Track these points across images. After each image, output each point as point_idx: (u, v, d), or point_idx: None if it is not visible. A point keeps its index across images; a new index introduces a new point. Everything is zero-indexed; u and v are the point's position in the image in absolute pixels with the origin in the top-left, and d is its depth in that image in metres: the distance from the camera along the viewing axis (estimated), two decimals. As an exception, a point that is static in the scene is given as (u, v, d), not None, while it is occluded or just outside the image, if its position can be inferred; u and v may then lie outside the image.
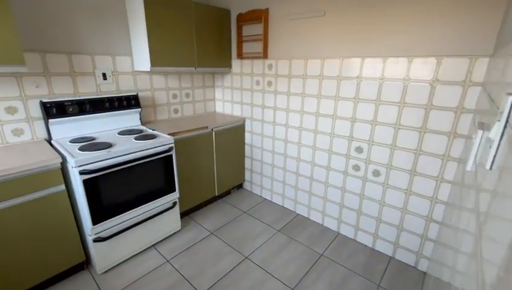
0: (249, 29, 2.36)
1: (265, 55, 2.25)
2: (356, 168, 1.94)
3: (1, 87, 1.57)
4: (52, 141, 1.74)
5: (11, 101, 1.63)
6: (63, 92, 1.82)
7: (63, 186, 1.49)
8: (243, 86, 2.56)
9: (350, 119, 1.88)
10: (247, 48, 2.42)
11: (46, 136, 1.79)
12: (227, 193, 2.76)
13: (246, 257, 1.88)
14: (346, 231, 2.13)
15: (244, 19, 2.32)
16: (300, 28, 1.99)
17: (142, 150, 1.71)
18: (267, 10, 2.14)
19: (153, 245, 1.97)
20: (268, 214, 2.42)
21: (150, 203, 1.84)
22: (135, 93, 2.13)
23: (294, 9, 1.98)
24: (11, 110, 1.63)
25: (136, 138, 1.81)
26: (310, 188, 2.28)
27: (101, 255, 1.66)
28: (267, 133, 2.47)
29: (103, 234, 1.63)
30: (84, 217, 1.55)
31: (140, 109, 2.16)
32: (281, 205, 2.57)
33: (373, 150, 1.82)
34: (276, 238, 2.09)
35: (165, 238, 2.04)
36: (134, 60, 2.13)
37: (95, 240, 1.60)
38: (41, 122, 1.76)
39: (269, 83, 2.31)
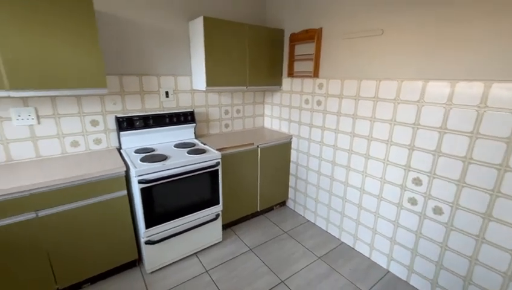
0: (301, 48, 2.36)
1: (316, 74, 2.21)
2: (413, 201, 1.72)
3: (89, 105, 1.91)
4: (121, 150, 2.02)
5: (95, 115, 1.96)
6: (133, 108, 2.11)
7: (125, 192, 1.71)
8: (291, 104, 2.56)
9: (408, 146, 1.69)
10: (298, 66, 2.42)
11: (117, 145, 2.09)
12: (270, 209, 2.76)
13: (282, 281, 1.83)
14: (397, 271, 1.89)
15: (297, 38, 2.34)
16: (355, 48, 1.90)
17: (192, 164, 1.85)
18: (320, 30, 2.11)
19: (195, 253, 2.08)
20: (310, 238, 2.32)
21: (195, 213, 1.96)
22: (192, 110, 2.33)
23: (349, 28, 1.91)
24: (94, 123, 1.96)
25: (188, 152, 1.97)
26: (357, 216, 2.11)
27: (150, 257, 1.83)
28: (313, 152, 2.40)
29: (153, 238, 1.80)
30: (139, 221, 1.74)
31: (195, 124, 2.34)
32: (325, 229, 2.44)
33: (434, 183, 1.59)
34: (316, 266, 1.98)
35: (207, 248, 2.14)
36: (192, 80, 2.34)
37: (146, 242, 1.77)
38: (115, 134, 2.07)
39: (319, 102, 2.26)
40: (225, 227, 2.38)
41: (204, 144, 2.21)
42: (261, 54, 2.39)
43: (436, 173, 1.57)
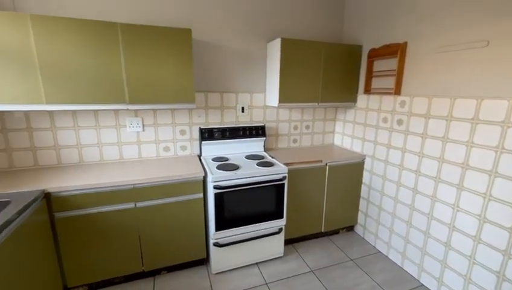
0: (380, 64, 2.22)
1: (397, 91, 2.03)
2: (528, 252, 1.35)
3: (179, 117, 2.26)
4: (201, 157, 2.28)
5: (183, 126, 2.29)
6: (214, 120, 2.38)
7: (201, 195, 1.92)
8: (366, 122, 2.40)
9: (522, 181, 1.35)
10: (376, 83, 2.28)
11: (198, 153, 2.38)
12: (335, 232, 2.60)
13: (345, 313, 1.69)
14: (503, 338, 1.49)
15: (377, 53, 2.21)
16: (449, 62, 1.67)
17: (260, 176, 1.94)
18: (405, 44, 1.95)
19: (257, 263, 2.13)
20: (380, 271, 2.07)
21: (259, 224, 2.03)
22: (263, 124, 2.46)
23: (444, 41, 1.70)
24: (182, 132, 2.30)
25: (257, 164, 2.08)
26: (444, 257, 1.78)
27: (217, 258, 1.98)
28: (390, 176, 2.17)
29: (221, 241, 1.94)
30: (210, 223, 1.92)
31: (265, 138, 2.46)
32: (399, 265, 2.14)
33: None
34: (386, 305, 1.76)
35: (268, 260, 2.17)
36: (266, 97, 2.49)
37: (214, 244, 1.93)
38: (197, 143, 2.36)
39: (399, 122, 2.05)
40: (287, 242, 2.37)
41: (272, 157, 2.28)
42: (335, 70, 2.35)
43: None
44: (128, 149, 2.16)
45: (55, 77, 1.60)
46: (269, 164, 2.06)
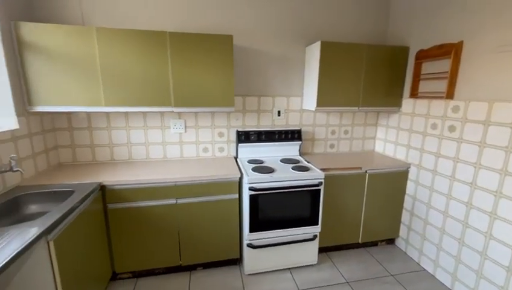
0: (430, 66, 2.06)
1: (450, 95, 1.86)
2: None
3: (218, 120, 2.36)
4: (237, 159, 2.34)
5: (222, 128, 2.38)
6: (251, 124, 2.43)
7: (237, 195, 1.97)
8: (412, 128, 2.24)
9: None
10: (424, 86, 2.11)
11: (234, 154, 2.45)
12: (374, 244, 2.45)
13: (384, 332, 1.57)
14: None
15: (427, 55, 2.06)
16: (515, 62, 1.48)
17: (296, 180, 1.92)
18: (460, 44, 1.78)
19: (289, 269, 2.11)
20: (425, 291, 1.90)
21: (293, 228, 2.00)
22: (299, 128, 2.44)
23: (506, 39, 1.52)
24: (220, 134, 2.39)
25: (293, 168, 2.07)
26: (506, 283, 1.57)
27: (250, 260, 2.00)
28: (439, 188, 1.99)
29: (254, 243, 1.96)
30: (244, 224, 1.95)
31: (301, 142, 2.44)
32: (449, 287, 1.93)
33: None
34: (432, 329, 1.60)
35: (301, 267, 2.13)
36: (303, 100, 2.47)
37: (248, 245, 1.96)
38: (234, 145, 2.43)
39: (451, 128, 1.87)
40: (321, 250, 2.30)
41: (308, 162, 2.25)
42: (378, 73, 2.24)
43: None
44: (171, 149, 2.32)
45: (112, 82, 1.80)
46: (305, 169, 2.04)
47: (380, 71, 2.24)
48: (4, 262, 0.92)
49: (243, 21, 2.21)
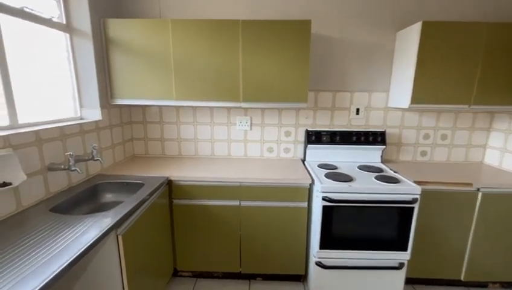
0: None
1: None
2: None
3: (286, 117, 2.14)
4: (305, 162, 2.09)
5: (289, 127, 2.16)
6: (322, 123, 2.14)
7: (305, 204, 1.72)
8: (557, 135, 1.60)
9: None
10: None
11: (301, 157, 2.20)
12: (482, 285, 1.87)
13: None
14: None
15: None
16: None
17: (382, 193, 1.56)
18: None
19: (365, 299, 1.75)
20: None
21: (374, 251, 1.64)
22: (383, 130, 2.04)
23: None
24: (287, 134, 2.17)
25: (376, 177, 1.70)
26: None
27: (317, 280, 1.72)
28: None
29: (324, 262, 1.68)
30: (313, 238, 1.68)
31: (384, 147, 2.03)
32: None
33: None
34: None
35: (380, 298, 1.74)
36: (389, 96, 2.05)
37: (317, 263, 1.68)
38: (301, 146, 2.18)
39: None
40: (408, 281, 1.85)
41: (394, 172, 1.84)
42: (504, 62, 1.68)
43: None
44: (235, 147, 2.21)
45: (184, 76, 1.76)
46: (393, 180, 1.65)
47: (504, 58, 1.68)
48: (79, 253, 0.89)
49: (319, 4, 1.94)
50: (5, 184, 1.05)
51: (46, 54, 1.49)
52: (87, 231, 1.03)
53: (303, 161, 2.14)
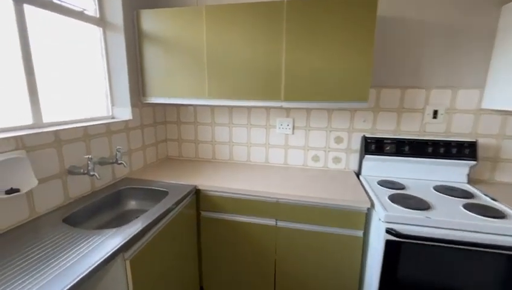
0: None
1: None
2: None
3: (337, 120, 1.76)
4: (360, 176, 1.68)
5: (341, 132, 1.78)
6: (385, 128, 1.70)
7: (361, 233, 1.33)
8: None
9: None
10: None
11: (355, 169, 1.79)
12: None
13: None
14: None
15: None
16: None
17: (479, 233, 1.09)
18: None
19: None
20: None
21: (459, 310, 1.18)
22: (473, 140, 1.51)
23: None
24: (338, 140, 1.79)
25: (465, 206, 1.23)
26: None
27: (372, 332, 1.32)
28: None
29: (384, 312, 1.27)
30: (370, 280, 1.29)
31: (475, 163, 1.51)
32: None
33: None
34: None
35: None
36: (484, 94, 1.52)
37: (372, 312, 1.29)
38: (356, 156, 1.78)
39: None
40: None
41: (492, 199, 1.32)
42: None
43: None
44: (274, 153, 1.91)
45: (218, 70, 1.53)
46: (494, 212, 1.16)
47: None
48: (73, 283, 0.72)
49: (389, -22, 1.52)
50: (12, 191, 0.94)
51: (81, 50, 1.41)
52: (89, 254, 0.85)
53: (357, 174, 1.74)
